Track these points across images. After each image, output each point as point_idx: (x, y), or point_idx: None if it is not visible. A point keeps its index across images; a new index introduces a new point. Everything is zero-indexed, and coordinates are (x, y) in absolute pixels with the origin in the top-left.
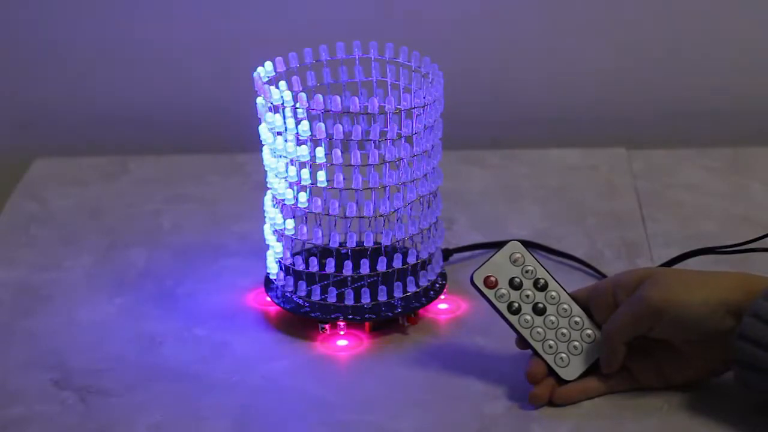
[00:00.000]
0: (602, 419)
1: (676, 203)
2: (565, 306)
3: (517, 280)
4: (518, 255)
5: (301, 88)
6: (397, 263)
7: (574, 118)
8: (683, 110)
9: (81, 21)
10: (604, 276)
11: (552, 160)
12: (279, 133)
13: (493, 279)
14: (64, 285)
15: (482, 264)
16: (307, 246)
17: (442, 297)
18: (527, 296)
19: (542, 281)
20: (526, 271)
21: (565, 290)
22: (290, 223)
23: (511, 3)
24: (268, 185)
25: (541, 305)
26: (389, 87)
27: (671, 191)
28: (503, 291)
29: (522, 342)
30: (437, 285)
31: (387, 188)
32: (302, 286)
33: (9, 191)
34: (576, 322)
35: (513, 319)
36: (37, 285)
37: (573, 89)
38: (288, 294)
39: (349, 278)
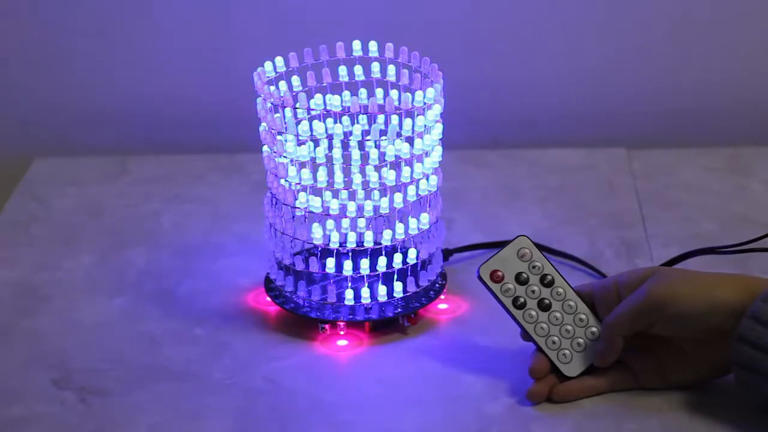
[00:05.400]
0: (602, 419)
1: (676, 203)
2: (571, 303)
3: (524, 275)
4: (526, 250)
5: (301, 88)
6: (397, 263)
7: (574, 118)
8: (683, 110)
9: (81, 21)
10: (604, 276)
11: (552, 160)
12: (279, 133)
13: (499, 273)
14: (64, 285)
15: (489, 258)
16: (307, 246)
17: (442, 297)
18: (533, 291)
19: (549, 277)
20: (533, 267)
21: (571, 287)
22: (290, 223)
23: (511, 3)
24: (268, 185)
25: (546, 301)
26: (389, 87)
27: (671, 191)
28: (509, 286)
29: (526, 336)
30: (437, 285)
31: (387, 188)
32: (302, 286)
33: (9, 191)
34: (581, 320)
35: (518, 313)
36: (37, 285)
37: (573, 89)
38: (288, 294)
39: (349, 278)
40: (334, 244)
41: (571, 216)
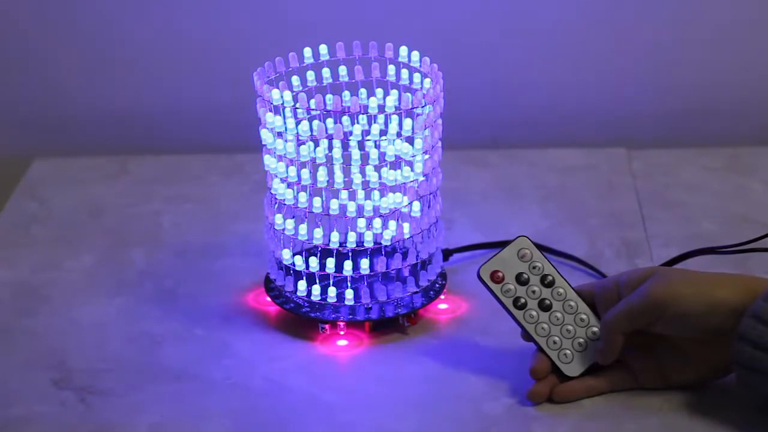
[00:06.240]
0: (602, 419)
1: (676, 203)
2: (572, 303)
3: (525, 275)
4: (526, 251)
5: (301, 88)
6: (397, 263)
7: (574, 118)
8: (683, 110)
9: (81, 21)
10: (604, 276)
11: (552, 160)
12: (279, 134)
13: (500, 274)
14: (64, 285)
15: (489, 259)
16: (307, 246)
17: (442, 297)
18: (533, 292)
19: (549, 277)
20: (534, 267)
21: (571, 287)
22: (290, 223)
23: (511, 3)
24: (268, 185)
25: (547, 301)
26: (389, 87)
27: (671, 191)
28: (510, 286)
29: (527, 336)
30: (437, 285)
31: (387, 188)
32: (302, 286)
33: (9, 191)
34: (581, 319)
35: (518, 314)
36: (37, 285)
37: (573, 89)
38: (288, 294)
39: (349, 278)
40: (334, 244)
41: (571, 216)
